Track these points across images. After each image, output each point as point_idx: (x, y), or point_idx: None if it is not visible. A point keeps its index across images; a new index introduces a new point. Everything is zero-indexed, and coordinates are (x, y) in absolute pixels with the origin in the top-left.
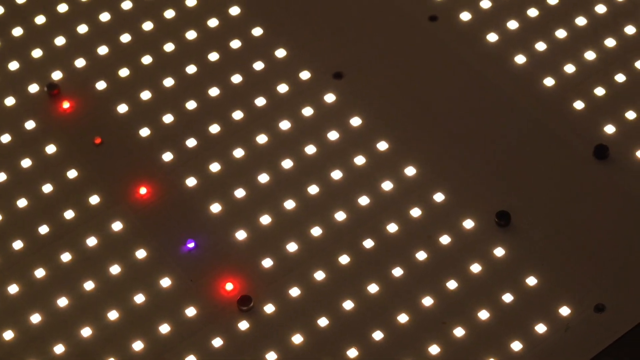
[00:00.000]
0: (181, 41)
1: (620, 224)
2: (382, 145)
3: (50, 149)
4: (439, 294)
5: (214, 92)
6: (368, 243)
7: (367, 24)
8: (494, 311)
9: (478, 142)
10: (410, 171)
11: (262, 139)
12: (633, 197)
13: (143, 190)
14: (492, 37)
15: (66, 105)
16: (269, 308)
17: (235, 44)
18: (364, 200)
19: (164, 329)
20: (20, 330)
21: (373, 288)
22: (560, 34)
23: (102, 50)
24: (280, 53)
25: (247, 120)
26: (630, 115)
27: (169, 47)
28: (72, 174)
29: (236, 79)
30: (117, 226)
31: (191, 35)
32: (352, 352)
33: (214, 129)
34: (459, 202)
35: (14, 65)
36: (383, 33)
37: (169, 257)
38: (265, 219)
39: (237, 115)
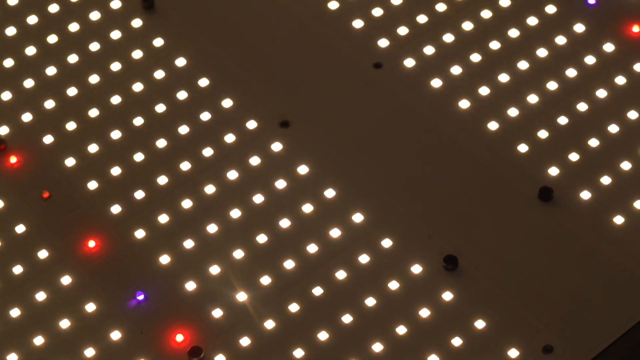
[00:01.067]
0: (128, 93)
1: (566, 265)
2: (330, 193)
3: None
4: (389, 339)
5: (161, 143)
6: (317, 291)
7: (313, 72)
8: (443, 355)
9: (425, 186)
10: (357, 217)
11: (210, 189)
12: (578, 238)
13: (92, 244)
14: (437, 83)
15: (13, 160)
16: (220, 359)
17: (182, 94)
18: (312, 248)
19: None
20: None
21: (323, 335)
22: (503, 78)
23: (49, 104)
24: (227, 103)
25: (194, 171)
26: (574, 157)
27: (115, 99)
28: (20, 228)
29: (183, 129)
30: (66, 280)
31: (137, 87)
32: None
33: (162, 180)
34: (407, 246)
35: None
36: (329, 81)
37: (118, 310)
38: (215, 269)
39: (185, 166)
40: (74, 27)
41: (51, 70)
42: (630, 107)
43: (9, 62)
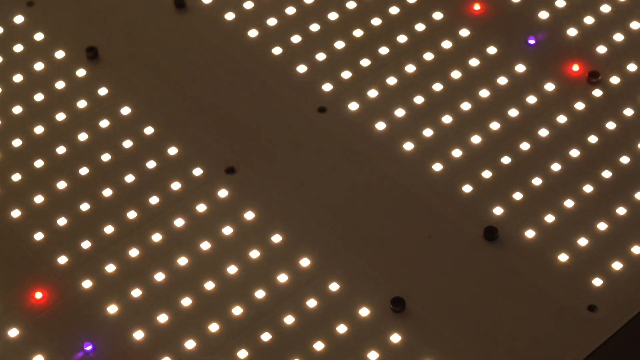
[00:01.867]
0: (73, 143)
1: (512, 304)
2: (277, 238)
3: None
4: None
5: (107, 192)
6: (266, 336)
7: (258, 118)
8: None
9: (372, 230)
10: (305, 262)
11: (156, 237)
12: (523, 277)
13: (39, 295)
14: (381, 125)
15: None
16: None
17: (127, 143)
18: (260, 294)
19: None
20: None
21: None
22: (447, 119)
23: None
24: (172, 150)
25: (141, 220)
26: (517, 196)
27: (60, 149)
28: None
29: (129, 178)
30: (13, 333)
31: (82, 137)
32: None
33: (109, 229)
34: (354, 290)
35: None
36: (274, 126)
37: None
38: (163, 318)
39: (131, 214)
40: (17, 78)
41: None
42: (572, 145)
43: None
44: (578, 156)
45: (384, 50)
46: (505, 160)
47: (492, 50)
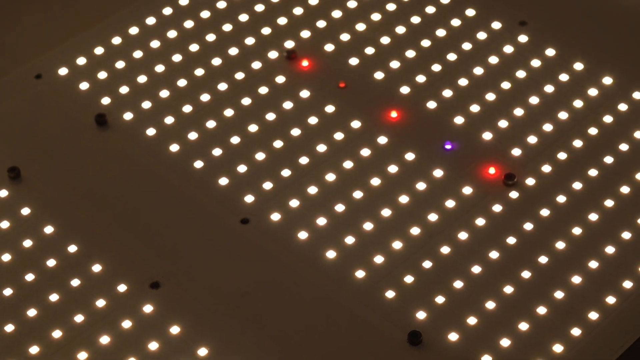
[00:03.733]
0: None
1: None
2: (202, 351)
3: None
4: None
5: (31, 312)
6: None
7: (181, 232)
8: None
9: (298, 339)
10: None
11: (82, 355)
12: None
13: None
14: (303, 235)
15: None
16: None
17: (51, 262)
18: None
19: None
20: None
21: None
22: (368, 226)
23: None
24: (96, 268)
25: (66, 338)
26: (440, 299)
27: None
28: None
29: (53, 297)
30: None
31: (6, 257)
32: None
33: (34, 349)
34: None
35: None
36: (197, 239)
37: None
38: None
39: (57, 334)
40: None
41: None
42: (491, 247)
43: None
44: (497, 257)
45: (303, 160)
46: (427, 264)
47: (410, 156)
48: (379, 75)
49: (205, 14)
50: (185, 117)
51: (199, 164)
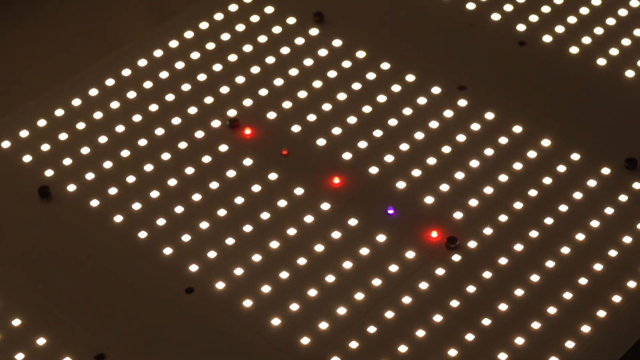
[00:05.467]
0: None
1: None
2: None
3: None
4: None
5: None
6: None
7: (125, 302)
8: None
9: None
10: None
11: None
12: None
13: None
14: (247, 303)
15: None
16: None
17: None
18: None
19: None
20: None
21: None
22: (312, 292)
23: None
24: (41, 341)
25: None
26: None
27: None
28: None
29: None
30: None
31: None
32: None
33: None
34: None
35: None
36: (142, 309)
37: None
38: None
39: None
40: None
41: None
42: (435, 311)
43: None
44: (441, 321)
45: (247, 228)
46: (371, 329)
47: (353, 221)
48: (321, 141)
49: (147, 84)
50: (129, 187)
51: (143, 234)
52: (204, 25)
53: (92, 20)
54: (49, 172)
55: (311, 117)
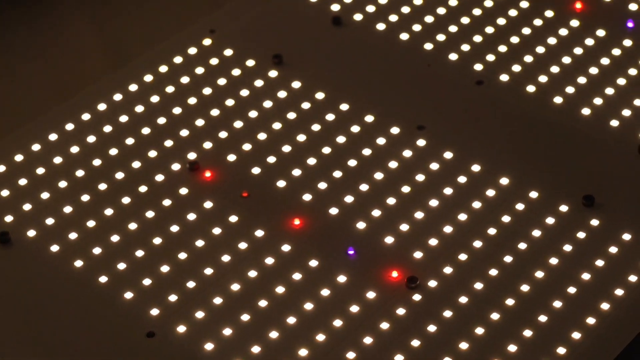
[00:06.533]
0: None
1: None
2: None
3: None
4: None
5: None
6: None
7: (86, 347)
8: None
9: None
10: None
11: None
12: None
13: None
14: (209, 346)
15: None
16: None
17: None
18: None
19: None
20: None
21: None
22: (273, 334)
23: None
24: None
25: None
26: None
27: None
28: None
29: None
30: None
31: None
32: None
33: None
34: None
35: None
36: (102, 354)
37: None
38: None
39: None
40: None
41: None
42: (395, 351)
43: None
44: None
45: (208, 271)
46: None
47: (314, 263)
48: (281, 183)
49: (107, 129)
50: (89, 232)
51: (103, 279)
52: (163, 68)
53: (50, 65)
54: (8, 218)
55: (271, 159)
